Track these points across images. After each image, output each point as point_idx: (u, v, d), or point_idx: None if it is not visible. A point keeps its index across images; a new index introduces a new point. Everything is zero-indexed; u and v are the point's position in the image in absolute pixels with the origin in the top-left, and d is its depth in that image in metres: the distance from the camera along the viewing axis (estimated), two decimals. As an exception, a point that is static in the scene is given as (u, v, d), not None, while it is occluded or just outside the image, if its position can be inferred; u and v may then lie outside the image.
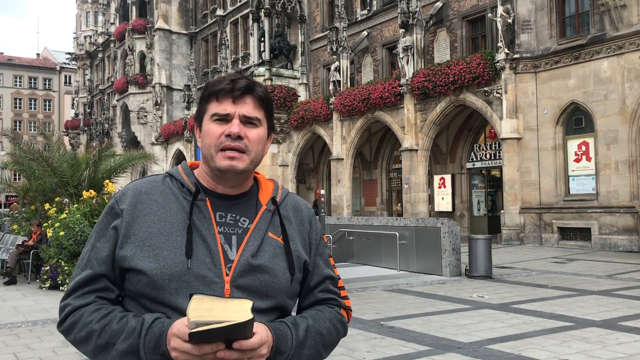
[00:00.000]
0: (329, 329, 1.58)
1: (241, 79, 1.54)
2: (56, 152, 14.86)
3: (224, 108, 1.52)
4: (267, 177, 1.72)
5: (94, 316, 1.45)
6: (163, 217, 1.51)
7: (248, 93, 1.54)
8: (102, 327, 1.43)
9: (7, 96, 71.33)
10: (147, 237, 1.48)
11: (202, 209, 1.53)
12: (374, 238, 14.40)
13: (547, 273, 12.72)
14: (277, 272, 1.53)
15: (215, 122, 1.53)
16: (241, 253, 1.50)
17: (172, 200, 1.54)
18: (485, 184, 24.17)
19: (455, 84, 20.42)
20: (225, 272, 1.47)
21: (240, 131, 1.51)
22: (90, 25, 58.57)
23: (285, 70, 31.01)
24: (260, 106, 1.56)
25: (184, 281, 1.45)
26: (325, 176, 31.05)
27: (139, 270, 1.46)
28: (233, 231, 1.54)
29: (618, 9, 17.07)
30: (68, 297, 1.51)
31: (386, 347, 6.37)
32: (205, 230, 1.50)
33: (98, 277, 1.50)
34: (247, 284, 1.48)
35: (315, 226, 1.70)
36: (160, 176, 1.62)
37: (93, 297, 1.49)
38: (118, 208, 1.54)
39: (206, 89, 1.57)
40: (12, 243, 14.10)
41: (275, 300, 1.53)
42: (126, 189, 1.59)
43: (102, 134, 48.64)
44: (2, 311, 8.95)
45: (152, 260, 1.46)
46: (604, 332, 6.95)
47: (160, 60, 41.69)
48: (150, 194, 1.55)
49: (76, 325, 1.46)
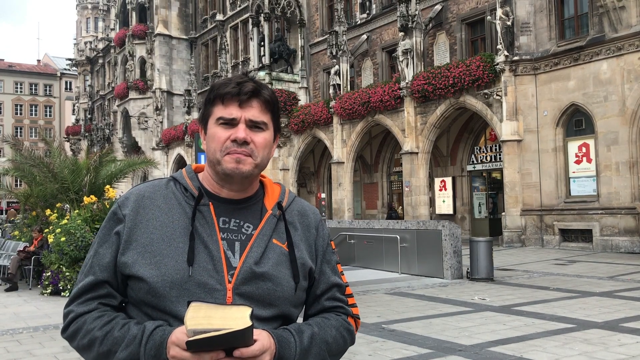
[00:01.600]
0: (335, 337, 1.54)
1: (248, 81, 1.51)
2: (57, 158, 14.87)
3: (230, 112, 1.49)
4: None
5: (97, 323, 1.44)
6: (165, 222, 1.49)
7: (255, 97, 1.50)
8: (104, 335, 1.42)
9: (7, 102, 71.45)
10: (149, 243, 1.46)
11: (205, 215, 1.50)
12: (375, 241, 14.39)
13: (549, 275, 12.71)
14: (280, 280, 1.49)
15: (220, 126, 1.49)
16: (244, 260, 1.47)
17: (175, 205, 1.51)
18: (486, 186, 24.17)
19: (455, 86, 20.44)
20: (227, 279, 1.44)
21: (247, 136, 1.48)
22: (91, 31, 58.72)
23: (285, 75, 31.06)
24: (267, 109, 1.52)
25: (185, 289, 1.42)
26: (326, 180, 31.07)
27: (139, 278, 1.44)
28: (236, 237, 1.51)
29: (617, 10, 17.09)
30: (71, 303, 1.50)
31: (388, 350, 6.37)
32: (208, 236, 1.47)
33: (101, 284, 1.49)
34: (249, 292, 1.45)
35: (322, 232, 1.65)
36: (164, 180, 1.60)
37: (96, 303, 1.48)
38: (121, 213, 1.52)
39: (212, 91, 1.53)
40: (13, 249, 14.11)
41: (279, 308, 1.49)
42: (129, 194, 1.57)
43: (103, 139, 48.70)
44: (3, 317, 8.95)
45: (153, 267, 1.43)
46: (606, 334, 6.94)
47: (161, 65, 41.76)
48: (153, 199, 1.53)
49: (79, 332, 1.45)
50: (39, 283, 12.14)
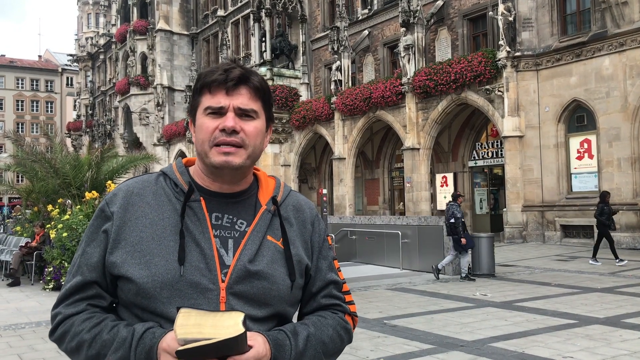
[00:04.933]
0: (331, 336, 1.48)
1: (235, 68, 1.42)
2: (59, 153, 14.90)
3: (217, 100, 1.41)
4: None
5: (85, 325, 1.37)
6: (155, 220, 1.42)
7: (243, 83, 1.42)
8: (92, 337, 1.36)
9: (9, 98, 71.41)
10: (138, 242, 1.39)
11: (196, 211, 1.43)
12: (376, 237, 14.40)
13: (550, 271, 12.71)
14: (276, 278, 1.43)
15: (208, 116, 1.41)
16: (238, 258, 1.40)
17: (165, 202, 1.44)
18: (487, 182, 24.15)
19: (457, 82, 20.41)
20: (220, 278, 1.38)
21: (236, 125, 1.40)
22: (92, 27, 58.66)
23: (286, 70, 31.02)
24: (257, 97, 1.44)
25: (176, 289, 1.35)
26: (328, 176, 31.06)
27: (128, 278, 1.37)
28: (229, 234, 1.44)
29: (619, 5, 17.04)
30: (59, 305, 1.44)
31: (389, 345, 6.37)
32: (200, 233, 1.40)
33: (89, 284, 1.42)
34: (244, 291, 1.39)
35: (318, 228, 1.58)
36: (154, 175, 1.51)
37: (84, 305, 1.41)
38: (108, 211, 1.44)
39: (198, 80, 1.45)
40: (15, 244, 14.14)
41: (274, 308, 1.43)
42: (117, 190, 1.49)
43: (104, 135, 48.71)
44: (6, 312, 8.97)
45: (143, 267, 1.36)
46: (608, 330, 6.94)
47: (162, 61, 41.71)
48: (142, 195, 1.45)
49: (67, 335, 1.40)
50: (41, 278, 12.17)
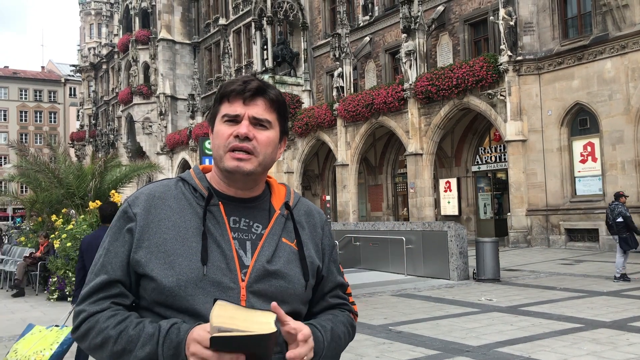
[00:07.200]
0: (344, 332, 1.59)
1: (253, 80, 1.53)
2: (62, 163, 14.93)
3: (234, 109, 1.51)
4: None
5: (110, 322, 1.42)
6: (177, 222, 1.49)
7: (259, 95, 1.52)
8: (118, 333, 1.40)
9: (12, 109, 71.74)
10: (162, 243, 1.46)
11: (216, 214, 1.52)
12: (380, 243, 14.37)
13: (556, 275, 12.66)
14: (292, 277, 1.52)
15: (225, 123, 1.52)
16: (256, 258, 1.49)
17: (186, 206, 1.52)
18: (491, 186, 24.11)
19: (459, 87, 20.41)
20: (240, 277, 1.46)
21: (249, 132, 1.49)
22: (94, 37, 59.06)
23: (288, 78, 31.09)
24: (272, 108, 1.54)
25: (199, 287, 1.43)
26: (331, 182, 31.05)
27: (152, 278, 1.44)
28: (247, 237, 1.53)
29: (620, 8, 17.05)
30: (83, 302, 1.48)
31: (395, 352, 6.35)
32: (220, 235, 1.49)
33: (113, 283, 1.48)
34: (263, 290, 1.47)
35: (328, 232, 1.69)
36: (173, 180, 1.60)
37: (108, 303, 1.46)
38: (131, 212, 1.52)
39: (219, 90, 1.57)
40: (19, 255, 14.16)
41: (290, 306, 1.50)
42: (139, 193, 1.57)
43: (108, 144, 48.85)
44: (10, 323, 8.98)
45: (167, 267, 1.44)
46: (614, 333, 6.90)
47: (164, 70, 41.86)
48: (164, 199, 1.53)
49: (91, 332, 1.43)
50: (45, 289, 12.18)
